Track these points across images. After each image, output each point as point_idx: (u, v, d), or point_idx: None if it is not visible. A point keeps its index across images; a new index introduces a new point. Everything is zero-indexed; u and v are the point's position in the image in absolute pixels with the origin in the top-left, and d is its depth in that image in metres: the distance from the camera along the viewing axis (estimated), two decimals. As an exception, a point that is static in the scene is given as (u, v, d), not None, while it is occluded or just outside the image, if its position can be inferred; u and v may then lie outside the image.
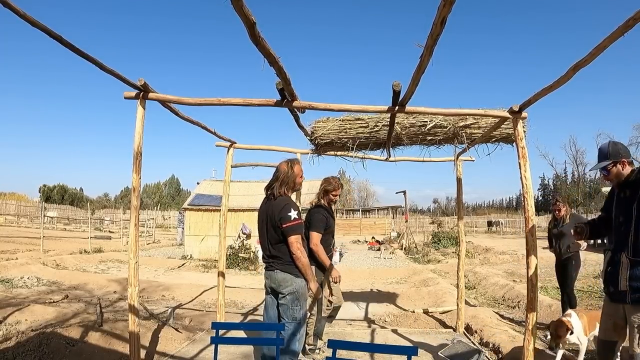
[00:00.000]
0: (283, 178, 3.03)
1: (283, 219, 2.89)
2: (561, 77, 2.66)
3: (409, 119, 4.30)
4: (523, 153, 3.31)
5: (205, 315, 5.84)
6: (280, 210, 2.91)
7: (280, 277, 2.94)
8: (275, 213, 2.93)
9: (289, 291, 2.92)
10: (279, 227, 2.90)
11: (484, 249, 16.07)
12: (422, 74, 2.75)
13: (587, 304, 6.11)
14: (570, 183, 44.34)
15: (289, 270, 2.93)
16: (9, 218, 28.31)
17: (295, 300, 2.93)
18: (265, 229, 3.03)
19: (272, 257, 2.99)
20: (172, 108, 3.59)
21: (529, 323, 3.17)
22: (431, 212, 62.26)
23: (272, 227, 2.97)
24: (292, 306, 2.92)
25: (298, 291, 2.94)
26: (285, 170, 3.04)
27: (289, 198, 3.06)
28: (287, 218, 2.88)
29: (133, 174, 3.14)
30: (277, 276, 2.95)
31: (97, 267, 10.96)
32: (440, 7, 1.99)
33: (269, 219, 2.98)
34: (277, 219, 2.91)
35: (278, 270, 2.95)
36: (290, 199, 3.07)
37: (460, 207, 5.31)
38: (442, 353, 3.97)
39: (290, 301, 2.92)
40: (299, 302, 2.95)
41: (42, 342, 4.11)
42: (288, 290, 2.92)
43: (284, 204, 2.94)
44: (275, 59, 2.60)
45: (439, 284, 8.48)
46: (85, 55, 2.61)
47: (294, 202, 3.06)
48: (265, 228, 3.03)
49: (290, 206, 2.95)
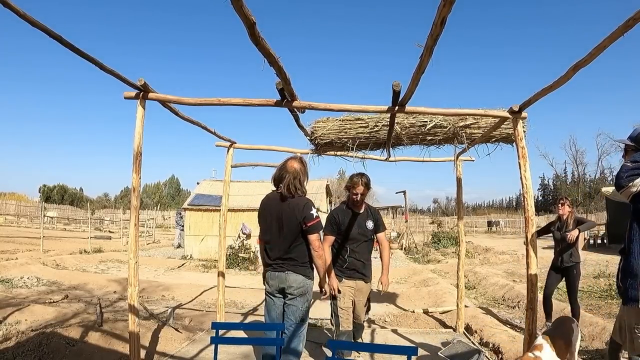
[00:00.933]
0: (301, 176, 2.96)
1: (307, 218, 2.87)
2: (561, 77, 2.66)
3: (409, 119, 4.30)
4: (523, 153, 3.31)
5: (205, 315, 5.84)
6: (303, 209, 2.89)
7: (292, 278, 2.91)
8: (297, 212, 2.89)
9: (300, 292, 2.91)
10: (304, 225, 2.88)
11: (484, 249, 16.08)
12: (422, 74, 2.75)
13: (587, 304, 6.12)
14: (570, 183, 44.29)
15: (301, 272, 2.92)
16: (9, 218, 28.32)
17: (305, 302, 2.95)
18: (278, 228, 2.94)
19: (285, 259, 2.93)
20: (172, 108, 3.59)
21: (529, 323, 3.18)
22: (431, 212, 62.30)
23: (291, 227, 2.91)
24: (301, 307, 2.92)
25: (308, 292, 2.97)
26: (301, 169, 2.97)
27: (307, 197, 3.02)
28: (310, 217, 2.88)
29: (133, 174, 3.14)
30: (288, 277, 2.91)
31: (97, 267, 10.96)
32: (440, 7, 1.99)
33: (288, 219, 2.91)
34: (300, 218, 2.88)
35: (290, 272, 2.91)
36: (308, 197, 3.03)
37: (460, 207, 5.31)
38: (442, 353, 3.97)
39: (301, 303, 2.92)
40: (308, 303, 2.97)
41: (42, 342, 4.11)
42: (299, 292, 2.91)
43: (305, 202, 2.93)
44: (275, 58, 2.60)
45: (439, 284, 8.48)
46: (85, 55, 2.61)
47: (311, 200, 3.04)
48: (278, 227, 2.94)
49: (311, 204, 2.95)
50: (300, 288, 2.91)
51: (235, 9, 2.04)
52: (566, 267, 4.78)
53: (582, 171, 40.03)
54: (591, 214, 32.35)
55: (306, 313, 2.96)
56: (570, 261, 4.74)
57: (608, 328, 4.43)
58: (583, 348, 4.32)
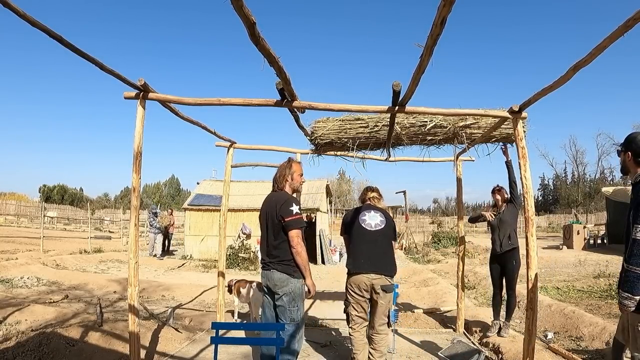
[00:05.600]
0: (281, 173, 3.07)
1: (285, 213, 2.87)
2: (561, 77, 2.67)
3: (409, 119, 4.30)
4: (523, 153, 3.32)
5: (205, 315, 5.84)
6: (282, 204, 2.90)
7: (276, 277, 2.92)
8: (277, 208, 2.92)
9: (284, 292, 2.90)
10: (281, 221, 2.88)
11: (484, 249, 16.06)
12: (422, 74, 2.75)
13: (587, 304, 6.11)
14: (570, 183, 44.34)
15: (286, 270, 2.90)
16: (9, 218, 28.32)
17: (292, 301, 2.90)
18: (266, 226, 3.02)
19: (271, 257, 2.97)
20: (172, 108, 3.60)
21: (529, 323, 3.18)
22: (431, 212, 62.26)
23: (272, 223, 2.95)
24: (289, 307, 2.90)
25: (294, 292, 2.91)
26: (283, 166, 3.10)
27: (289, 194, 3.05)
28: (288, 212, 2.88)
29: (133, 174, 3.14)
30: (273, 276, 2.93)
31: (97, 267, 10.95)
32: (440, 7, 1.99)
33: (271, 216, 2.97)
34: (278, 213, 2.90)
35: (275, 270, 2.93)
36: (291, 194, 3.07)
37: (460, 207, 5.31)
38: (442, 353, 3.97)
39: (287, 302, 2.90)
40: (296, 302, 2.92)
41: (42, 342, 4.10)
42: (284, 291, 2.90)
43: (285, 198, 2.95)
44: (275, 58, 2.60)
45: (439, 284, 8.48)
46: (85, 55, 2.61)
47: (295, 198, 3.05)
48: (266, 226, 3.02)
49: (292, 201, 2.95)
50: (284, 287, 2.89)
51: (235, 9, 2.04)
52: (505, 253, 4.54)
53: (582, 171, 40.16)
54: (591, 214, 32.39)
55: (296, 312, 2.91)
56: (509, 244, 4.51)
57: (608, 328, 4.43)
58: (583, 348, 4.33)
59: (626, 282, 2.28)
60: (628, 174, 2.54)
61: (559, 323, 5.11)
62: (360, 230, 3.43)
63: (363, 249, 3.37)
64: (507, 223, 4.57)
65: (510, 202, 4.64)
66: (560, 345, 4.28)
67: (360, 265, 3.33)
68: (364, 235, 3.41)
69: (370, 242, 3.39)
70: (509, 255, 4.55)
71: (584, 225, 16.59)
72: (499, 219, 4.66)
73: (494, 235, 4.70)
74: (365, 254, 3.35)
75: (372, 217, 3.50)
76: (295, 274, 2.92)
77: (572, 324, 4.91)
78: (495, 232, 4.68)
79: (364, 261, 3.33)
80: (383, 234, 3.44)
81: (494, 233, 4.69)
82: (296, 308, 2.92)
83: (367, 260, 3.33)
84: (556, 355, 3.97)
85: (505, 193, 4.71)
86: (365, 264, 3.32)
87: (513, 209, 4.61)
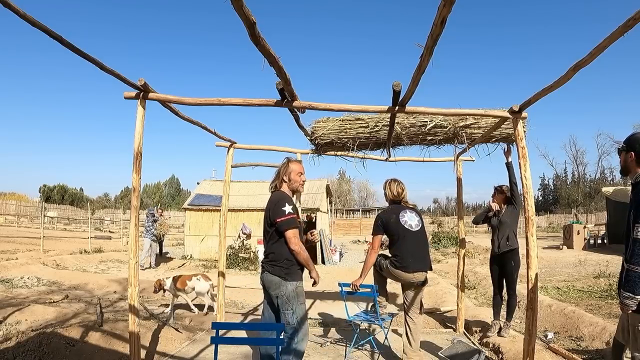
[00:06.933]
0: (278, 172, 3.06)
1: (276, 214, 2.84)
2: (561, 77, 2.67)
3: (409, 119, 4.30)
4: (523, 153, 3.32)
5: (205, 315, 5.84)
6: (275, 205, 2.88)
7: (268, 279, 2.91)
8: (270, 208, 2.91)
9: (276, 294, 2.88)
10: (274, 222, 2.86)
11: (484, 249, 16.06)
12: (422, 74, 2.75)
13: (587, 304, 6.11)
14: (570, 183, 44.32)
15: (277, 272, 2.87)
16: (9, 218, 28.32)
17: (285, 304, 2.87)
18: (264, 228, 3.02)
19: (266, 258, 2.97)
20: (172, 108, 3.60)
21: (529, 323, 3.18)
22: (431, 212, 62.17)
23: (267, 224, 2.95)
24: (283, 310, 2.88)
25: (286, 295, 2.86)
26: (281, 166, 3.08)
27: (284, 193, 3.01)
28: (279, 213, 2.83)
29: (133, 174, 3.14)
30: (266, 278, 2.92)
31: (97, 267, 10.96)
32: (440, 7, 1.99)
33: (265, 217, 2.97)
34: (270, 215, 2.89)
35: (267, 273, 2.92)
36: (286, 194, 3.02)
37: (460, 207, 5.31)
38: (443, 353, 3.97)
39: (281, 305, 2.88)
40: (290, 305, 2.87)
41: (42, 342, 4.11)
42: (276, 294, 2.89)
43: (278, 199, 2.92)
44: (275, 58, 2.60)
45: (439, 284, 8.47)
46: (85, 55, 2.61)
47: (289, 197, 2.99)
48: (264, 227, 3.02)
49: (285, 200, 2.89)
50: (276, 290, 2.87)
51: (236, 9, 2.04)
52: (504, 254, 4.53)
53: (582, 171, 40.12)
54: (591, 214, 32.38)
55: (291, 316, 2.86)
56: (507, 245, 4.49)
57: (608, 328, 4.43)
58: (583, 348, 4.32)
59: (627, 282, 2.28)
60: (628, 175, 2.54)
61: (559, 323, 5.11)
62: (404, 231, 3.63)
63: (409, 249, 3.61)
64: (506, 224, 4.57)
65: (510, 204, 4.64)
66: (560, 345, 4.28)
67: (409, 264, 3.57)
68: (408, 235, 3.63)
69: (414, 242, 3.63)
70: (508, 257, 4.55)
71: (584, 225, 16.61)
72: (498, 220, 4.66)
73: (493, 236, 4.71)
74: (412, 253, 3.60)
75: (411, 218, 3.71)
76: (288, 277, 2.87)
77: (572, 324, 4.91)
78: (494, 233, 4.68)
79: (412, 260, 3.58)
80: (423, 234, 3.74)
81: (493, 234, 4.70)
82: (291, 311, 2.86)
83: (415, 260, 3.59)
84: (556, 355, 3.97)
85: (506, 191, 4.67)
86: (413, 263, 3.57)
87: (513, 210, 4.62)
